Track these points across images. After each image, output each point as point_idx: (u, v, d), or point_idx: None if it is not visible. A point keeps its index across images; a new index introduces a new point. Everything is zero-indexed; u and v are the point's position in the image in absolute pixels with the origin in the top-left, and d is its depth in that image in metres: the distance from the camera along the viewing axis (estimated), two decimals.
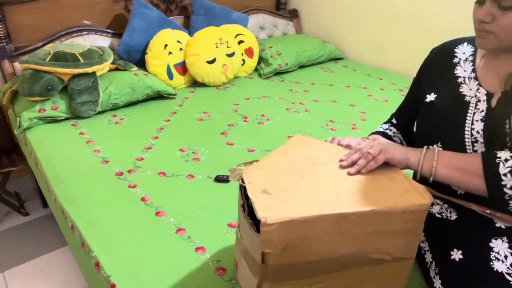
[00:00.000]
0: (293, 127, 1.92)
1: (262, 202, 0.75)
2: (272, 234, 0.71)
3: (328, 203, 0.76)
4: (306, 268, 0.77)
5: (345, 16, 2.98)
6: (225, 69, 2.49)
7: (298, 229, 0.72)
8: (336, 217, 0.73)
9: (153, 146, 1.74)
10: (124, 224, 1.26)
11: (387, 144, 0.93)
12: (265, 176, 0.85)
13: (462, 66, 0.99)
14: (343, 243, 0.77)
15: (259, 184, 0.81)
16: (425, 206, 0.78)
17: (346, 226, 0.75)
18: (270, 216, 0.70)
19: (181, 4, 2.72)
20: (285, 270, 0.76)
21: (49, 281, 1.84)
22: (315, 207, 0.74)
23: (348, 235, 0.76)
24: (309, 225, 0.72)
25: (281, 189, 0.80)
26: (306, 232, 0.73)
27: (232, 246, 1.16)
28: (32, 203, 2.39)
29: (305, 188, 0.81)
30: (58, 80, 1.91)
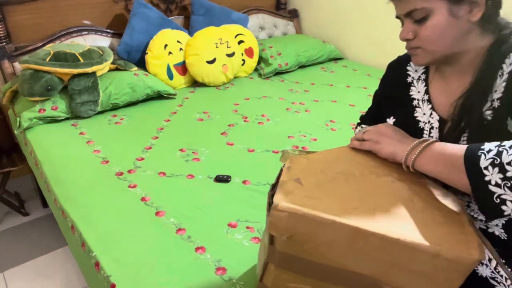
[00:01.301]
0: (293, 127, 1.92)
1: (287, 188, 0.72)
2: (281, 221, 0.68)
3: (353, 213, 0.69)
4: (311, 268, 0.74)
5: (345, 16, 2.98)
6: (225, 69, 2.49)
7: (308, 226, 0.68)
8: (352, 231, 0.66)
9: (153, 146, 1.74)
10: (124, 224, 1.26)
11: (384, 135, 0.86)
12: (309, 167, 0.82)
13: (416, 87, 0.96)
14: (353, 260, 0.70)
15: (297, 172, 0.78)
16: (467, 261, 0.64)
17: (362, 244, 0.67)
18: (283, 203, 0.68)
19: (181, 4, 2.72)
20: (290, 260, 0.73)
21: (49, 281, 1.84)
22: (335, 212, 0.68)
23: (361, 254, 0.68)
24: (320, 226, 0.67)
25: (315, 184, 0.76)
26: (317, 233, 0.69)
27: (232, 246, 1.16)
28: (32, 203, 2.39)
29: (341, 191, 0.75)
30: (58, 80, 1.91)
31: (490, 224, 0.84)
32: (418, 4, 0.78)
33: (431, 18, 0.78)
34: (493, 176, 0.64)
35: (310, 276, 0.75)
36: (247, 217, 1.28)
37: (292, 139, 1.81)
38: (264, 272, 0.80)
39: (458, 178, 0.70)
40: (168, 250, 1.15)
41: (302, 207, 0.67)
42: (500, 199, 0.64)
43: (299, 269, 0.74)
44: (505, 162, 0.63)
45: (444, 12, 0.77)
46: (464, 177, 0.68)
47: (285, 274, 0.76)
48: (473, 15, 0.78)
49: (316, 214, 0.67)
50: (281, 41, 2.92)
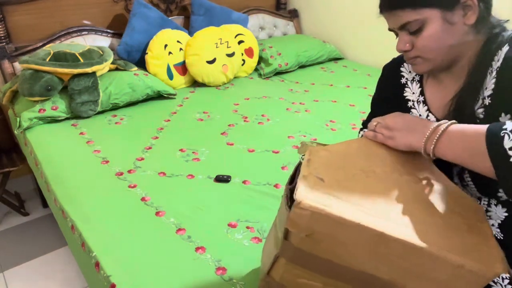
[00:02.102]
0: (293, 127, 1.92)
1: (308, 183, 0.69)
2: (302, 218, 0.66)
3: (375, 215, 0.67)
4: (325, 266, 0.72)
5: (345, 16, 2.98)
6: (225, 69, 2.49)
7: (330, 226, 0.66)
8: (375, 235, 0.64)
9: (153, 146, 1.74)
10: (124, 224, 1.26)
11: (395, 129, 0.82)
12: (328, 160, 0.78)
13: (410, 88, 0.96)
14: (370, 262, 0.68)
15: (317, 166, 0.75)
16: (489, 274, 0.63)
17: (383, 249, 0.65)
18: (307, 201, 0.65)
19: (181, 4, 2.72)
20: (304, 256, 0.71)
21: (49, 281, 1.84)
22: (358, 213, 0.66)
23: (382, 259, 0.67)
24: (342, 228, 0.65)
25: (337, 181, 0.72)
26: (337, 233, 0.67)
27: (232, 246, 1.16)
28: (32, 203, 2.39)
29: (363, 190, 0.72)
30: (58, 80, 1.91)
31: None
32: (411, 17, 0.79)
33: (426, 28, 0.78)
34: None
35: (322, 273, 0.73)
36: (247, 217, 1.28)
37: (292, 139, 1.81)
38: (273, 266, 0.78)
39: (480, 162, 0.67)
40: (168, 250, 1.15)
41: (326, 207, 0.65)
42: None
43: (312, 266, 0.73)
44: None
45: (438, 21, 0.77)
46: (487, 159, 0.65)
47: (296, 269, 0.74)
48: (468, 18, 0.78)
49: (340, 216, 0.65)
50: (281, 41, 2.92)
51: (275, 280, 0.79)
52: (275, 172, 1.54)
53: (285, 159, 1.63)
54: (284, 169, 1.56)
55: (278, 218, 0.78)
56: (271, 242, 0.82)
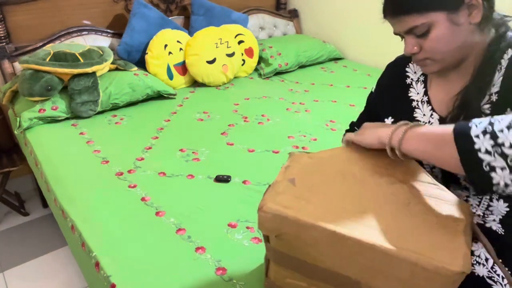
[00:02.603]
0: (293, 127, 1.92)
1: (278, 188, 0.75)
2: (267, 221, 0.72)
3: (339, 215, 0.69)
4: (302, 266, 0.75)
5: (345, 16, 2.98)
6: (225, 69, 2.49)
7: (292, 228, 0.71)
8: (330, 234, 0.67)
9: (153, 146, 1.74)
10: (124, 224, 1.26)
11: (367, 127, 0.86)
12: (307, 166, 0.82)
13: (415, 88, 0.97)
14: (336, 261, 0.71)
15: (294, 172, 0.79)
16: (447, 273, 0.61)
17: (340, 247, 0.68)
18: (269, 204, 0.71)
19: (181, 4, 2.72)
20: (283, 257, 0.77)
21: (49, 281, 1.84)
22: (319, 214, 0.69)
23: (343, 257, 0.69)
24: (301, 228, 0.69)
25: (310, 184, 0.76)
26: (300, 234, 0.71)
27: (232, 246, 1.16)
28: (32, 203, 2.39)
29: (335, 192, 0.74)
30: (58, 80, 1.91)
31: (488, 219, 0.84)
32: (417, 21, 0.79)
33: (433, 31, 0.79)
34: (483, 143, 0.62)
35: (303, 273, 0.77)
36: (247, 217, 1.28)
37: (292, 139, 1.81)
38: (268, 268, 0.84)
39: (447, 153, 0.67)
40: (168, 250, 1.15)
41: (286, 209, 0.70)
42: (490, 166, 0.62)
43: (292, 267, 0.77)
44: (497, 130, 0.62)
45: (444, 23, 0.78)
46: (453, 150, 0.65)
47: (283, 270, 0.78)
48: (473, 17, 0.79)
49: (296, 217, 0.69)
50: (281, 41, 2.92)
51: (271, 280, 0.84)
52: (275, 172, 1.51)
53: (285, 159, 1.62)
54: None
55: None
56: None
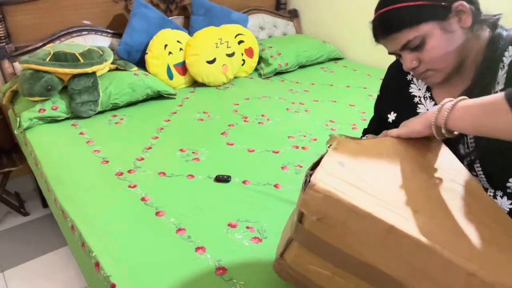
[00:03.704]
0: (293, 127, 1.92)
1: (328, 169, 0.69)
2: (314, 201, 0.65)
3: (392, 210, 0.65)
4: (335, 254, 0.70)
5: (345, 16, 2.98)
6: (225, 69, 2.49)
7: (341, 212, 0.65)
8: (386, 228, 0.62)
9: (153, 146, 1.74)
10: (124, 224, 1.26)
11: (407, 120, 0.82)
12: (355, 151, 0.77)
13: (416, 84, 0.98)
14: (380, 257, 0.66)
15: (343, 155, 0.74)
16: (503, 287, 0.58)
17: (393, 244, 0.63)
18: (321, 184, 0.64)
19: (181, 4, 2.72)
20: (315, 242, 0.70)
21: (49, 281, 1.84)
22: (373, 205, 0.64)
23: (390, 254, 0.65)
24: (353, 216, 0.64)
25: (358, 172, 0.71)
26: (348, 221, 0.65)
27: (232, 246, 1.16)
28: (32, 203, 2.39)
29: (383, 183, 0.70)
30: (58, 80, 1.91)
31: None
32: (410, 35, 0.81)
33: (428, 42, 0.80)
34: None
35: (332, 262, 0.72)
36: (247, 217, 1.28)
37: (292, 139, 1.81)
38: (287, 248, 0.78)
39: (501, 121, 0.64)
40: (168, 250, 1.15)
41: (339, 192, 0.64)
42: None
43: (322, 253, 0.72)
44: None
45: (437, 32, 0.80)
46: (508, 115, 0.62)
47: (307, 255, 0.74)
48: (464, 22, 0.81)
49: (352, 203, 0.63)
50: (281, 41, 2.92)
51: (287, 262, 0.78)
52: (275, 172, 1.54)
53: (285, 159, 1.63)
54: (284, 169, 1.56)
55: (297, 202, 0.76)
56: (289, 225, 0.81)
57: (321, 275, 0.74)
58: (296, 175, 1.52)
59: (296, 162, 1.61)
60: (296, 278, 0.79)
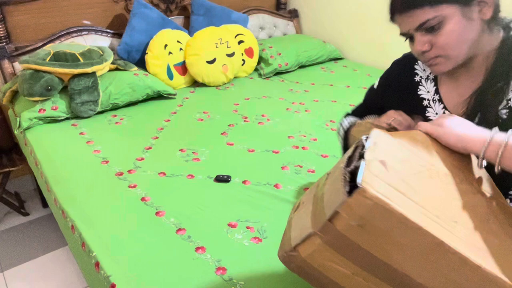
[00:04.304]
0: (293, 127, 1.92)
1: (374, 171, 0.63)
2: (361, 207, 0.60)
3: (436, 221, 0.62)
4: (365, 259, 0.66)
5: (345, 16, 2.98)
6: (225, 69, 2.49)
7: (389, 222, 0.61)
8: (435, 244, 0.60)
9: (153, 146, 1.74)
10: (124, 224, 1.26)
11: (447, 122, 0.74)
12: (393, 149, 0.71)
13: (424, 86, 0.95)
14: (419, 268, 0.63)
15: (382, 152, 0.68)
16: None
17: (437, 258, 0.61)
18: (372, 190, 0.59)
19: (181, 4, 2.72)
20: (345, 243, 0.66)
21: (49, 281, 1.84)
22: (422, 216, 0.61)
23: (431, 267, 0.62)
24: (401, 227, 0.60)
25: (401, 173, 0.66)
26: (393, 231, 0.61)
27: (232, 246, 1.16)
28: (32, 203, 2.39)
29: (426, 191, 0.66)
30: (58, 80, 1.91)
31: None
32: (429, 15, 0.77)
33: (446, 25, 0.77)
34: None
35: (357, 263, 0.69)
36: (247, 217, 1.28)
37: (292, 139, 1.81)
38: (304, 242, 0.72)
39: None
40: (168, 250, 1.15)
41: (391, 202, 0.59)
42: None
43: (349, 254, 0.68)
44: None
45: (458, 16, 0.77)
46: None
47: (328, 252, 0.69)
48: (484, 14, 0.78)
49: (403, 214, 0.59)
50: (281, 41, 2.92)
51: (301, 256, 0.73)
52: (275, 172, 1.54)
53: (285, 159, 1.63)
54: (284, 169, 1.56)
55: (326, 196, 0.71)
56: (306, 216, 0.75)
57: (339, 272, 0.70)
58: (296, 175, 1.52)
59: (296, 162, 1.61)
60: (306, 271, 0.74)
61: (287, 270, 1.07)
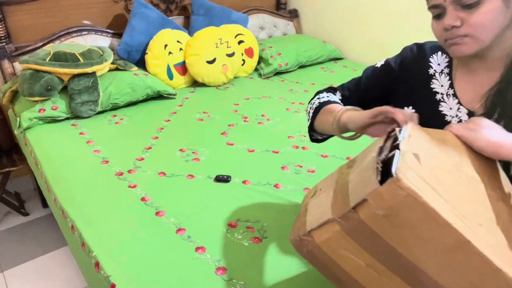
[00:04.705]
0: (293, 127, 1.92)
1: (408, 162, 0.62)
2: (392, 197, 0.58)
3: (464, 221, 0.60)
4: (383, 251, 0.65)
5: (345, 16, 2.98)
6: (225, 69, 2.49)
7: (417, 215, 0.59)
8: (461, 242, 0.58)
9: (153, 146, 1.74)
10: (124, 224, 1.26)
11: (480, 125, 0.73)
12: (426, 144, 0.70)
13: (438, 80, 0.93)
14: (438, 265, 0.62)
15: (416, 146, 0.67)
16: None
17: (459, 257, 0.60)
18: (406, 182, 0.57)
19: (181, 4, 2.72)
20: (365, 233, 0.64)
21: (49, 281, 1.84)
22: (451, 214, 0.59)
23: (450, 265, 0.61)
24: (430, 222, 0.59)
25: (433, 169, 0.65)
26: (420, 225, 0.60)
27: (232, 246, 1.16)
28: (32, 203, 2.39)
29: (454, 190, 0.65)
30: (58, 80, 1.91)
31: None
32: None
33: (484, 4, 0.75)
34: None
35: (373, 254, 0.67)
36: (247, 217, 1.28)
37: (292, 139, 1.81)
38: (321, 228, 0.70)
39: None
40: (168, 250, 1.15)
41: (424, 195, 0.58)
42: None
43: (367, 245, 0.66)
44: None
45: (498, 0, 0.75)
46: None
47: (345, 240, 0.67)
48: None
49: (434, 209, 0.58)
50: (281, 41, 2.92)
51: (315, 241, 0.71)
52: (275, 172, 1.54)
53: (285, 159, 1.63)
54: (284, 169, 1.56)
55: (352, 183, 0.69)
56: (326, 202, 0.73)
57: (352, 262, 0.69)
58: (296, 175, 1.52)
59: (296, 162, 1.61)
60: (318, 257, 0.73)
61: (286, 270, 1.07)
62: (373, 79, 1.07)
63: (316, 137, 1.12)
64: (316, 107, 1.04)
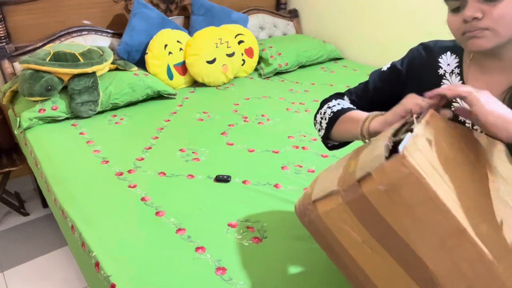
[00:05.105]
0: (293, 127, 1.92)
1: (419, 144, 0.62)
2: (396, 173, 0.59)
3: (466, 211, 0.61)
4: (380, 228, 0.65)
5: (345, 16, 2.98)
6: (225, 69, 2.49)
7: (417, 196, 0.59)
8: (457, 229, 0.59)
9: (153, 146, 1.74)
10: (124, 224, 1.26)
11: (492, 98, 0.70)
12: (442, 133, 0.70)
13: (449, 80, 0.92)
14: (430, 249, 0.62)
15: (432, 132, 0.67)
16: None
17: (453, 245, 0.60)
18: (412, 160, 0.58)
19: (181, 4, 2.72)
20: (365, 208, 0.65)
21: (49, 281, 1.84)
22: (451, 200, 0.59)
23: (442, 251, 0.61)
24: (429, 204, 0.59)
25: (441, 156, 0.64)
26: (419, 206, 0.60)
27: (232, 246, 1.16)
28: (32, 203, 2.39)
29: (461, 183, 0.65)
30: (58, 80, 1.91)
31: None
32: None
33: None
34: None
35: (370, 231, 0.67)
36: (247, 217, 1.28)
37: (292, 139, 1.81)
38: (324, 198, 0.72)
39: None
40: (168, 250, 1.15)
41: (427, 176, 0.58)
42: None
43: (365, 220, 0.67)
44: None
45: None
46: None
47: (346, 214, 0.68)
48: None
49: (436, 192, 0.58)
50: (281, 41, 2.92)
51: (317, 211, 0.73)
52: (275, 172, 1.54)
53: (285, 159, 1.63)
54: (284, 169, 1.56)
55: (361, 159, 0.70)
56: (335, 176, 0.74)
57: (349, 237, 0.69)
58: (296, 175, 1.52)
59: (296, 162, 1.61)
60: (318, 228, 0.74)
61: (286, 270, 1.07)
62: (380, 82, 1.05)
63: (332, 144, 1.08)
64: (330, 117, 1.01)
